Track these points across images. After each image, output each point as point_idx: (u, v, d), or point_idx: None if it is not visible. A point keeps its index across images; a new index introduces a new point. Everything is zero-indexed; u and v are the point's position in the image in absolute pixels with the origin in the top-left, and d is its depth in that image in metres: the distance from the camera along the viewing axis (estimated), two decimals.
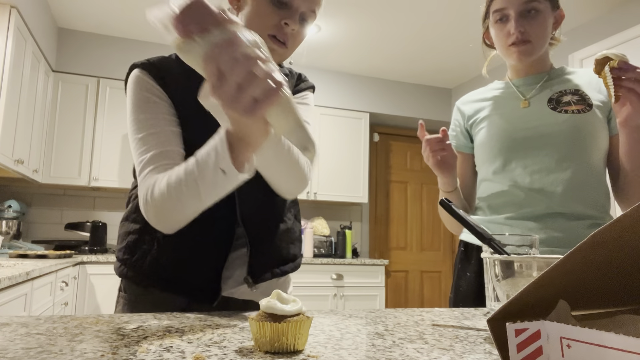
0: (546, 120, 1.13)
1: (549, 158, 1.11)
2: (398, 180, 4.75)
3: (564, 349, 0.33)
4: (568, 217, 1.09)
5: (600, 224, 1.09)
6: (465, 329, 0.69)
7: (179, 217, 0.78)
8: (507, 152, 1.16)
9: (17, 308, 1.91)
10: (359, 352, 0.53)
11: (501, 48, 1.18)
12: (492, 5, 1.17)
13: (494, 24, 1.18)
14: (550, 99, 1.16)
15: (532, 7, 1.12)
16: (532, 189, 1.12)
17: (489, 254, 0.76)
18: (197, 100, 0.67)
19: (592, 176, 1.11)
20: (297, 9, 0.86)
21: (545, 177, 1.11)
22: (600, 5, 3.04)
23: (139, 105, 0.84)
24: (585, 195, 1.10)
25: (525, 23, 1.12)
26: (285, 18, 0.85)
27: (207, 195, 0.73)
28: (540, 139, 1.12)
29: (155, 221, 0.80)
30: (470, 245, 1.24)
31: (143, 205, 0.80)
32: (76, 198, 3.74)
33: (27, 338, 0.55)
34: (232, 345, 0.55)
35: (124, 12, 3.37)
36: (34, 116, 3.11)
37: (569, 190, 1.09)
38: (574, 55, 3.04)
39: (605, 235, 0.34)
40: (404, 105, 4.55)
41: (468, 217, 0.79)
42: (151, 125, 0.83)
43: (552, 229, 1.08)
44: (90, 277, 3.06)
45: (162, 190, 0.76)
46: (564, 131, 1.11)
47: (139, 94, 0.85)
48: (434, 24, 3.42)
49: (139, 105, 0.84)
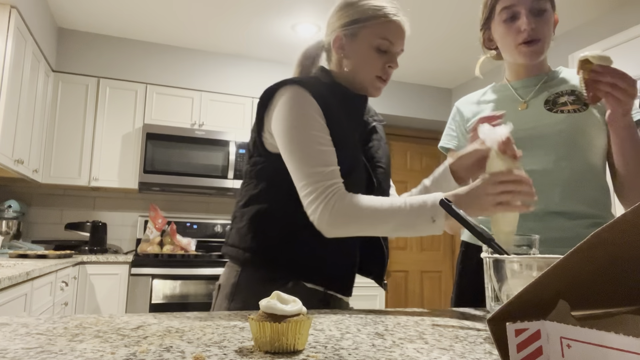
0: (543, 121, 1.14)
1: (546, 158, 1.11)
2: (398, 180, 4.75)
3: (564, 349, 0.33)
4: (567, 217, 1.09)
5: (600, 223, 1.09)
6: (465, 329, 0.69)
7: (353, 231, 0.92)
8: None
9: (17, 308, 1.91)
10: (359, 352, 0.53)
11: (509, 47, 1.16)
12: (499, 4, 1.15)
13: (501, 23, 1.15)
14: (547, 101, 1.16)
15: (541, 7, 1.11)
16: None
17: (489, 254, 0.76)
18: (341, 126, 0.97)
19: (591, 175, 1.11)
20: (395, 53, 1.04)
21: (543, 177, 1.11)
22: (600, 5, 3.04)
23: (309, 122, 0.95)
24: (584, 194, 1.10)
25: (535, 21, 1.11)
26: (388, 62, 1.03)
27: (398, 230, 0.90)
28: (537, 140, 1.13)
29: (331, 225, 0.91)
30: (471, 245, 1.24)
31: (326, 210, 0.90)
32: (76, 198, 3.74)
33: (27, 338, 0.55)
34: (232, 345, 0.55)
35: (124, 12, 3.37)
36: (34, 116, 3.11)
37: (568, 190, 1.10)
38: (574, 55, 3.04)
39: (605, 235, 0.34)
40: (404, 105, 4.55)
41: (468, 218, 0.79)
42: (326, 142, 0.95)
43: (552, 229, 1.08)
44: (90, 277, 3.06)
45: (361, 206, 0.90)
46: (560, 131, 1.11)
47: (306, 111, 0.96)
48: (434, 24, 3.42)
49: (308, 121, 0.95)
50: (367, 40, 1.02)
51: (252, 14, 3.33)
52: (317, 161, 0.92)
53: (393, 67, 1.04)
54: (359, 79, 1.05)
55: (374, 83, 1.04)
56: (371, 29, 1.01)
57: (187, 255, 3.30)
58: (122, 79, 3.68)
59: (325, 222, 0.91)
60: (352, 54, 1.04)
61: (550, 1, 1.15)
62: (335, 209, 0.90)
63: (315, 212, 0.91)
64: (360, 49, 1.02)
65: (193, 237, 3.59)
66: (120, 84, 3.65)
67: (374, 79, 1.04)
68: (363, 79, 1.04)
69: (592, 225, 1.09)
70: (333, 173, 0.93)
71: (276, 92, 0.99)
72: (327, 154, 0.94)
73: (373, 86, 1.05)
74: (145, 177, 3.48)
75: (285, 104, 0.96)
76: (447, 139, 1.32)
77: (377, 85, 1.05)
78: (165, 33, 3.68)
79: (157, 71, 3.79)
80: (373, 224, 0.90)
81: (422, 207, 0.88)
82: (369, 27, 1.01)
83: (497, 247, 0.75)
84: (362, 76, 1.04)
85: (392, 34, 1.02)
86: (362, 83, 1.05)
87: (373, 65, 1.02)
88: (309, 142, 0.93)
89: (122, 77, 3.68)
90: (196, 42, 3.82)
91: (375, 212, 0.89)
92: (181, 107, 3.78)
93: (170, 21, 3.48)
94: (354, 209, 0.90)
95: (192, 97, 3.82)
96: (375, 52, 1.02)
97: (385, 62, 1.03)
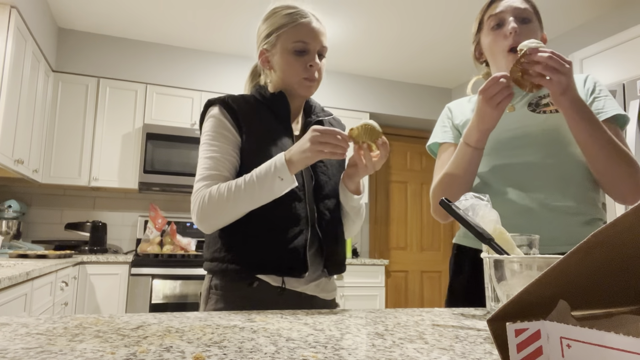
0: (527, 122, 1.17)
1: (533, 157, 1.13)
2: (398, 180, 4.75)
3: (564, 349, 0.33)
4: (557, 214, 1.09)
5: (589, 220, 1.10)
6: (465, 329, 0.69)
7: (228, 217, 1.01)
8: (494, 153, 1.19)
9: (17, 308, 1.91)
10: (359, 352, 0.53)
11: (497, 54, 1.18)
12: (488, 12, 1.20)
13: (489, 31, 1.19)
14: (530, 103, 1.19)
15: (527, 16, 1.15)
16: (519, 188, 1.14)
17: (488, 254, 0.76)
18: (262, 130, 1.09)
19: (578, 172, 1.12)
20: (313, 51, 1.11)
21: (530, 175, 1.13)
22: (600, 5, 3.04)
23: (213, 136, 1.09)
24: (572, 190, 1.11)
25: (521, 28, 1.14)
26: (308, 62, 1.10)
27: (260, 198, 0.99)
28: (523, 139, 1.15)
29: (206, 222, 1.02)
30: (462, 247, 1.25)
31: (198, 209, 1.02)
32: (76, 198, 3.74)
33: (27, 338, 0.55)
34: (232, 345, 0.55)
35: (124, 12, 3.37)
36: (34, 116, 3.11)
37: (555, 187, 1.11)
38: (574, 55, 3.04)
39: (604, 235, 0.34)
40: (404, 105, 4.55)
41: (468, 217, 0.79)
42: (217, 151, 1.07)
43: (540, 227, 1.09)
44: (90, 277, 3.06)
45: (220, 193, 1.00)
46: (543, 131, 1.14)
47: (215, 129, 1.09)
48: (435, 24, 3.42)
49: (213, 135, 1.09)
50: (284, 47, 1.10)
51: (252, 14, 3.33)
52: (199, 171, 1.06)
53: (314, 65, 1.10)
54: (288, 84, 1.13)
55: (302, 84, 1.12)
56: (285, 36, 1.10)
57: (187, 255, 3.30)
58: (122, 79, 3.68)
59: (197, 221, 1.03)
60: (276, 63, 1.13)
61: (535, 14, 1.18)
62: (199, 207, 1.02)
63: (192, 215, 1.05)
64: (280, 57, 1.11)
65: (193, 237, 3.59)
66: (120, 84, 3.65)
67: (300, 80, 1.11)
68: (290, 83, 1.13)
69: (580, 223, 1.09)
70: (207, 178, 1.04)
71: (205, 110, 1.14)
72: (212, 160, 1.06)
73: (302, 86, 1.12)
74: (145, 177, 3.48)
75: (205, 121, 1.12)
76: (441, 134, 1.32)
77: (305, 85, 1.12)
78: (165, 33, 3.68)
79: (157, 71, 3.79)
80: (234, 202, 0.99)
81: (267, 173, 0.98)
82: (283, 34, 1.10)
83: (497, 247, 0.75)
84: (289, 80, 1.12)
85: (304, 35, 1.09)
86: (292, 86, 1.13)
87: (295, 68, 1.10)
88: (202, 152, 1.08)
89: (122, 77, 3.68)
90: (196, 42, 3.82)
91: (228, 193, 0.99)
92: (181, 107, 3.78)
93: (170, 21, 3.48)
94: (210, 200, 1.01)
95: (192, 97, 3.82)
96: (294, 55, 1.10)
97: (305, 62, 1.10)
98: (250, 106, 1.13)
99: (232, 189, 0.99)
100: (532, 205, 1.11)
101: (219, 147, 1.07)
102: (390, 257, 4.60)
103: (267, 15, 1.15)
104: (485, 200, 0.83)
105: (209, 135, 1.09)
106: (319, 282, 1.13)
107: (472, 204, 0.82)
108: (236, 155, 1.09)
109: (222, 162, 1.06)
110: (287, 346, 0.55)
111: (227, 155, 1.07)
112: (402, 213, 4.74)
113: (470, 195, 0.85)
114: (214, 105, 1.12)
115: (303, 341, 0.58)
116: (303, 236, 1.07)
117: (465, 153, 1.15)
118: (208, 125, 1.10)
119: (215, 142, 1.08)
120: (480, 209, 0.81)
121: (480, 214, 0.80)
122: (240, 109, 1.11)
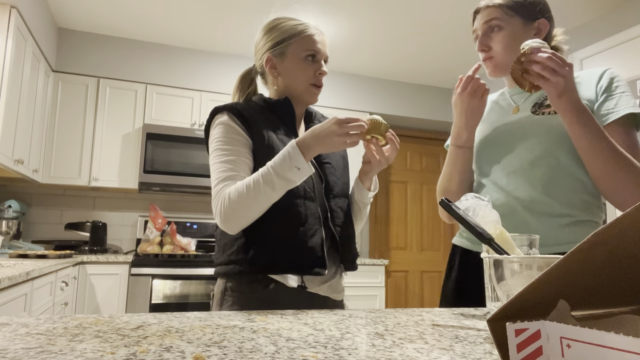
0: (524, 123, 1.17)
1: (523, 159, 1.14)
2: (398, 180, 4.75)
3: (564, 349, 0.33)
4: (544, 216, 1.09)
5: (577, 222, 1.09)
6: (465, 329, 0.69)
7: (252, 213, 1.02)
8: (488, 155, 1.20)
9: (17, 308, 1.91)
10: (359, 352, 0.53)
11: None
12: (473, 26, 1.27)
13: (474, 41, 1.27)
14: (535, 104, 1.19)
15: (494, 25, 1.19)
16: (508, 189, 1.14)
17: (488, 254, 0.76)
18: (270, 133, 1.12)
19: (567, 174, 1.10)
20: (321, 59, 1.18)
21: (519, 177, 1.13)
22: (601, 5, 3.04)
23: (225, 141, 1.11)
24: (561, 193, 1.10)
25: (489, 40, 1.20)
26: (317, 69, 1.18)
27: (281, 187, 1.00)
28: (517, 141, 1.16)
29: (231, 221, 1.02)
30: (457, 247, 1.27)
31: (221, 210, 1.02)
32: (76, 198, 3.74)
33: (27, 338, 0.55)
34: (232, 345, 0.55)
35: (124, 12, 3.37)
36: (34, 116, 3.11)
37: (543, 190, 1.10)
38: (574, 55, 3.04)
39: (604, 235, 0.34)
40: (404, 105, 4.55)
41: (468, 217, 0.79)
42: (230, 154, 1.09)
43: (529, 227, 1.09)
44: (90, 277, 3.06)
45: (240, 191, 1.01)
46: (536, 132, 1.14)
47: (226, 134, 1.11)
48: (435, 24, 3.42)
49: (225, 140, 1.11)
50: (296, 55, 1.16)
51: (252, 14, 3.33)
52: (216, 174, 1.07)
53: (322, 73, 1.18)
54: (295, 90, 1.18)
55: (310, 90, 1.18)
56: (296, 45, 1.16)
57: (187, 255, 3.30)
58: (122, 79, 3.67)
59: (222, 222, 1.04)
60: (285, 70, 1.18)
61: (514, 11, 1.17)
62: (221, 207, 1.03)
63: (215, 217, 1.05)
64: (291, 64, 1.17)
65: (193, 237, 3.59)
66: (120, 84, 3.65)
67: (308, 86, 1.18)
68: (298, 89, 1.18)
69: (563, 224, 1.08)
70: (226, 179, 1.05)
71: (212, 118, 1.16)
72: (228, 163, 1.07)
73: (309, 93, 1.18)
74: (145, 177, 3.48)
75: (213, 129, 1.14)
76: None
77: (313, 92, 1.19)
78: (165, 33, 3.68)
79: (157, 71, 3.79)
80: (255, 197, 1.00)
81: (283, 163, 0.99)
82: (294, 43, 1.16)
83: (497, 247, 0.75)
84: (298, 86, 1.18)
85: (314, 45, 1.17)
86: (299, 92, 1.18)
87: (306, 75, 1.17)
88: (215, 157, 1.09)
89: (122, 77, 3.68)
90: (196, 42, 3.81)
91: (248, 189, 1.00)
92: (181, 107, 3.78)
93: (170, 21, 3.48)
94: (231, 199, 1.01)
95: (192, 97, 3.81)
96: (305, 62, 1.16)
97: (315, 70, 1.17)
98: (257, 112, 1.16)
99: (252, 185, 1.00)
100: (514, 206, 1.11)
101: (232, 150, 1.08)
102: (390, 257, 4.60)
103: (271, 25, 1.20)
104: (486, 201, 0.83)
105: (221, 140, 1.10)
106: (331, 283, 1.15)
107: (472, 204, 0.82)
108: (250, 157, 1.10)
109: (238, 164, 1.07)
110: (287, 346, 0.55)
111: (241, 157, 1.09)
112: (402, 213, 4.74)
113: (470, 195, 0.85)
114: (221, 112, 1.14)
115: (303, 341, 0.58)
116: (319, 235, 1.10)
117: (457, 155, 1.19)
118: (218, 131, 1.11)
119: (228, 146, 1.09)
120: (480, 209, 0.81)
121: (480, 215, 0.80)
122: (249, 114, 1.13)
